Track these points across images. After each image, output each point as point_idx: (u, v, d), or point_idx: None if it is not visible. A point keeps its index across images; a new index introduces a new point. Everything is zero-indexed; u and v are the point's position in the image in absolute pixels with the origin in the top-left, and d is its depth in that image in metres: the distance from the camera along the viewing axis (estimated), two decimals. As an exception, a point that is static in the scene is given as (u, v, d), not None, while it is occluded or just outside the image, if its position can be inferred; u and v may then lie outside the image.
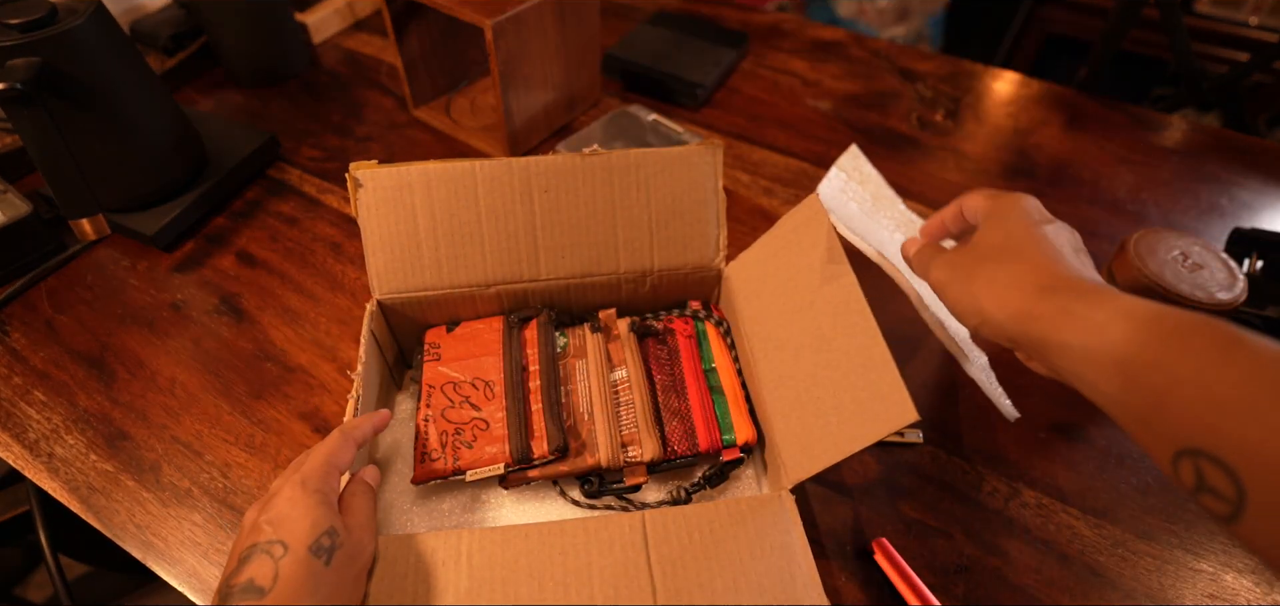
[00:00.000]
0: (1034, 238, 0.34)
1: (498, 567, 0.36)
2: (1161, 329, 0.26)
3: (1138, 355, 0.26)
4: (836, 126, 0.81)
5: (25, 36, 0.53)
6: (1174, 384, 0.24)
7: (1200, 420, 0.23)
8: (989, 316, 0.33)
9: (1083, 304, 0.29)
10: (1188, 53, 1.07)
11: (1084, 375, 0.28)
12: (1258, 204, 0.71)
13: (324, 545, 0.33)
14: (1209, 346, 0.24)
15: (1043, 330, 0.30)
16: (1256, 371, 0.23)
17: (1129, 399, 0.26)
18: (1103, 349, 0.27)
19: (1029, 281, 0.32)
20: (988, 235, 0.35)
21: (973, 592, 0.43)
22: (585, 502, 0.45)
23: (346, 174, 0.46)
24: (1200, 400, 0.24)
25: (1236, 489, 0.22)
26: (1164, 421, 0.25)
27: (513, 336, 0.49)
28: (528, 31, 0.67)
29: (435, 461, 0.43)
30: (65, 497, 0.48)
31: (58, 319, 0.59)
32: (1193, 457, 0.24)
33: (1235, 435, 0.22)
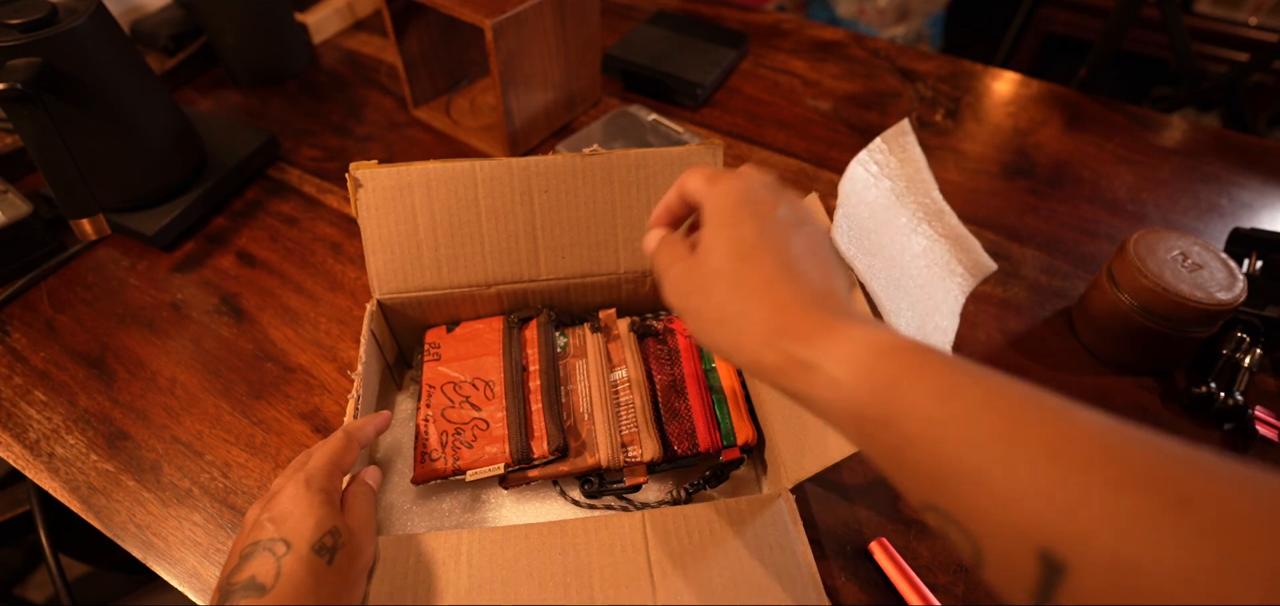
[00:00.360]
0: (758, 255, 0.29)
1: (498, 567, 0.36)
2: (883, 379, 0.23)
3: (869, 411, 0.24)
4: (836, 126, 0.81)
5: (25, 36, 0.53)
6: (904, 443, 0.23)
7: (933, 483, 0.22)
8: (732, 358, 0.29)
9: (814, 353, 0.25)
10: (1187, 52, 1.07)
11: (831, 424, 0.26)
12: (1257, 204, 0.71)
13: (326, 544, 0.33)
14: (929, 400, 0.22)
15: (779, 381, 0.27)
16: (977, 429, 0.21)
17: (869, 452, 0.25)
18: (838, 403, 0.25)
19: (759, 325, 0.27)
20: (710, 249, 0.30)
21: (973, 592, 0.43)
22: (585, 502, 0.45)
23: (346, 174, 0.46)
24: (929, 463, 0.22)
25: (973, 547, 0.21)
26: (904, 477, 0.23)
27: (513, 336, 0.49)
28: (528, 31, 0.67)
29: (435, 461, 0.43)
30: (65, 497, 0.48)
31: (58, 319, 0.59)
32: (935, 513, 0.22)
33: (967, 501, 0.21)
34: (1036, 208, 0.70)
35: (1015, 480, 0.20)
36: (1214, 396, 0.50)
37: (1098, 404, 0.20)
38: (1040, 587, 0.19)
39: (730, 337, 0.28)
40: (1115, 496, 0.18)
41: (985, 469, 0.21)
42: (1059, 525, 0.19)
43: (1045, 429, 0.20)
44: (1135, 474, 0.18)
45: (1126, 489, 0.18)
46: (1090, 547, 0.18)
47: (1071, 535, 0.18)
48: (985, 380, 0.22)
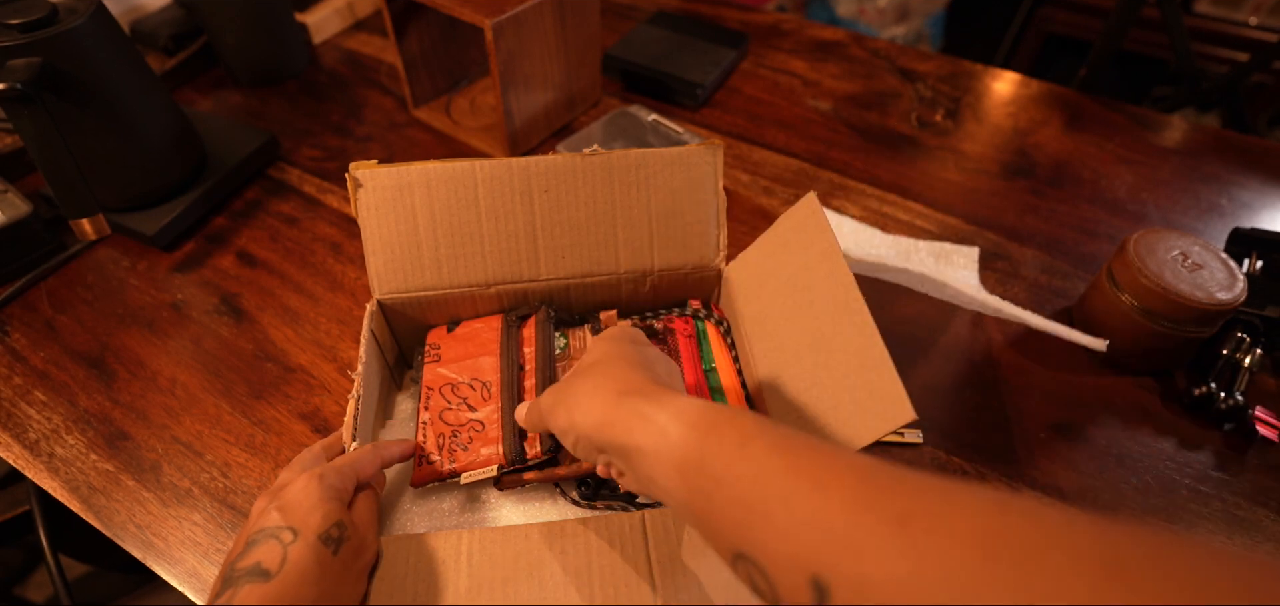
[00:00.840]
0: (624, 353, 0.34)
1: (498, 567, 0.36)
2: (701, 427, 0.26)
3: (690, 456, 0.26)
4: (836, 126, 0.81)
5: (26, 36, 0.53)
6: (715, 485, 0.25)
7: (737, 523, 0.24)
8: (578, 427, 0.32)
9: (650, 406, 0.29)
10: (1187, 52, 1.07)
11: (658, 480, 0.28)
12: (1258, 204, 0.71)
13: (333, 535, 0.33)
14: (732, 445, 0.25)
15: (618, 435, 0.29)
16: (766, 467, 0.23)
17: (691, 502, 0.26)
18: (666, 450, 0.27)
19: (609, 389, 0.31)
20: (586, 358, 0.35)
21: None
22: (584, 504, 0.45)
23: (346, 174, 0.46)
24: (733, 502, 0.24)
25: (770, 587, 0.23)
26: (717, 524, 0.25)
27: (511, 335, 0.49)
28: (528, 31, 0.67)
29: (433, 463, 0.43)
30: (65, 497, 0.48)
31: (58, 319, 0.59)
32: (743, 562, 0.24)
33: (760, 537, 0.23)
34: (1036, 208, 0.70)
35: (792, 512, 0.22)
36: (1214, 396, 0.50)
37: (1098, 404, 0.21)
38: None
39: (582, 405, 0.31)
40: (858, 519, 0.21)
41: (771, 504, 0.23)
42: (823, 551, 0.21)
43: (815, 465, 0.23)
44: (872, 498, 0.21)
45: (865, 511, 0.21)
46: (842, 568, 0.20)
47: (830, 559, 0.20)
48: (778, 431, 0.25)
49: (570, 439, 0.33)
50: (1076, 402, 0.53)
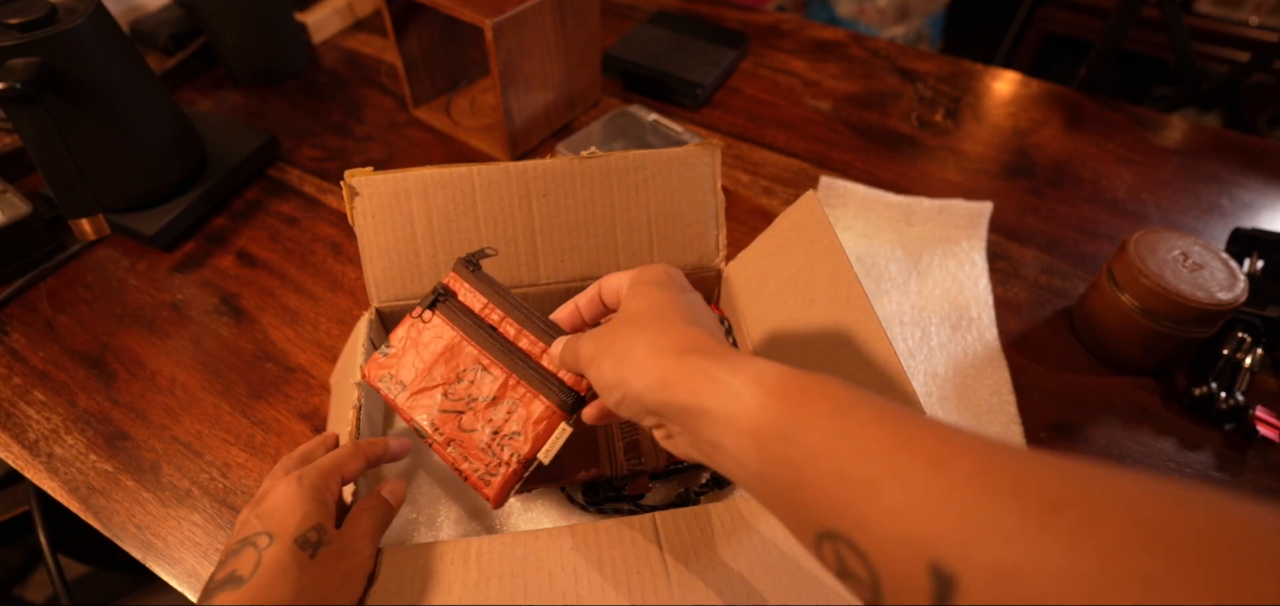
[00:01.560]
0: (676, 303, 0.31)
1: (509, 570, 0.36)
2: (787, 394, 0.24)
3: (771, 424, 0.24)
4: (836, 126, 0.81)
5: (25, 36, 0.53)
6: (805, 457, 0.22)
7: (831, 498, 0.22)
8: (629, 385, 0.29)
9: (720, 367, 0.26)
10: (1188, 52, 1.07)
11: (726, 446, 0.25)
12: (1258, 204, 0.71)
13: (310, 539, 0.32)
14: (828, 413, 0.23)
15: (681, 396, 0.27)
16: (871, 440, 0.21)
17: (769, 474, 0.24)
18: (740, 416, 0.25)
19: (668, 346, 0.29)
20: (630, 304, 0.32)
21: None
22: (592, 508, 0.45)
23: (341, 182, 0.45)
24: (829, 476, 0.22)
25: (869, 571, 0.21)
26: (802, 500, 0.23)
27: (456, 314, 0.41)
28: (527, 31, 0.67)
29: (498, 472, 0.38)
30: (65, 498, 0.48)
31: (57, 319, 0.59)
32: (831, 541, 0.22)
33: (861, 515, 0.21)
34: (1036, 207, 0.70)
35: (907, 491, 0.20)
36: (1214, 396, 0.50)
37: (1098, 404, 0.20)
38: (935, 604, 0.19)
39: (636, 363, 0.29)
40: (996, 503, 0.18)
41: (878, 479, 0.21)
42: (948, 535, 0.19)
43: (930, 442, 0.21)
44: (1012, 481, 0.19)
45: (1005, 495, 0.18)
46: (976, 556, 0.18)
47: (959, 545, 0.18)
48: (876, 400, 0.23)
49: (615, 396, 0.30)
50: (1076, 402, 0.53)
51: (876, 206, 0.69)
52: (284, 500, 0.33)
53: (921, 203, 0.68)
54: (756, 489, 0.25)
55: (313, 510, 0.33)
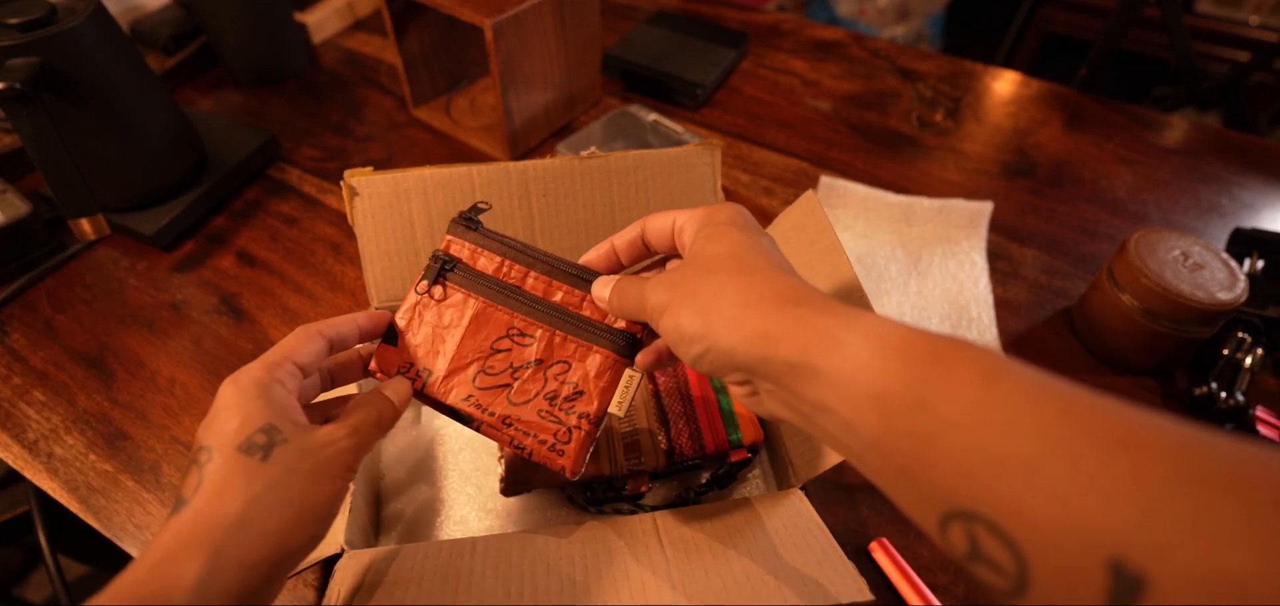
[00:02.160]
0: (761, 247, 0.28)
1: (508, 563, 0.36)
2: (917, 356, 0.21)
3: (899, 389, 0.21)
4: (836, 126, 0.81)
5: (24, 36, 0.53)
6: (942, 427, 0.20)
7: (972, 475, 0.19)
8: (716, 336, 0.26)
9: (831, 321, 0.23)
10: (1188, 52, 1.07)
11: (837, 411, 0.23)
12: (1258, 204, 0.71)
13: (258, 442, 0.28)
14: (973, 379, 0.20)
15: (787, 353, 0.24)
16: (1030, 412, 0.18)
17: (890, 444, 0.21)
18: (858, 378, 0.22)
19: (766, 295, 0.25)
20: (708, 247, 0.29)
21: (973, 593, 0.43)
22: (592, 509, 0.45)
23: (341, 182, 0.45)
24: (971, 449, 0.19)
25: (1016, 561, 0.18)
26: (930, 475, 0.20)
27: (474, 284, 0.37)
28: (527, 31, 0.67)
29: (569, 439, 0.35)
30: (64, 498, 0.48)
31: (57, 319, 0.59)
32: (965, 521, 0.19)
33: (1013, 496, 0.18)
34: (1037, 207, 0.70)
35: (1080, 472, 0.17)
36: (1215, 397, 0.50)
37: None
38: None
39: (727, 314, 0.26)
40: (1205, 497, 0.15)
41: (1041, 458, 0.17)
42: (1137, 529, 0.15)
43: (1106, 418, 0.17)
44: (1223, 473, 0.15)
45: (1217, 489, 0.15)
46: (1176, 558, 0.15)
47: (1152, 543, 0.15)
48: (1031, 368, 0.19)
49: (697, 348, 0.27)
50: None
51: (876, 206, 0.69)
52: (219, 408, 0.29)
53: (921, 202, 0.68)
54: (867, 457, 0.23)
55: (255, 410, 0.29)
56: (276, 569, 0.27)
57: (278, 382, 0.30)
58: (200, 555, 0.25)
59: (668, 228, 0.32)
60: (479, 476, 0.46)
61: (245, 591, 0.26)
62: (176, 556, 0.25)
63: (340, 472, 0.30)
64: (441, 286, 0.37)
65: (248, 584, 0.26)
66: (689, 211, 0.31)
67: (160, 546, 0.25)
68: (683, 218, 0.31)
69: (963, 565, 0.20)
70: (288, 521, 0.27)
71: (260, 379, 0.30)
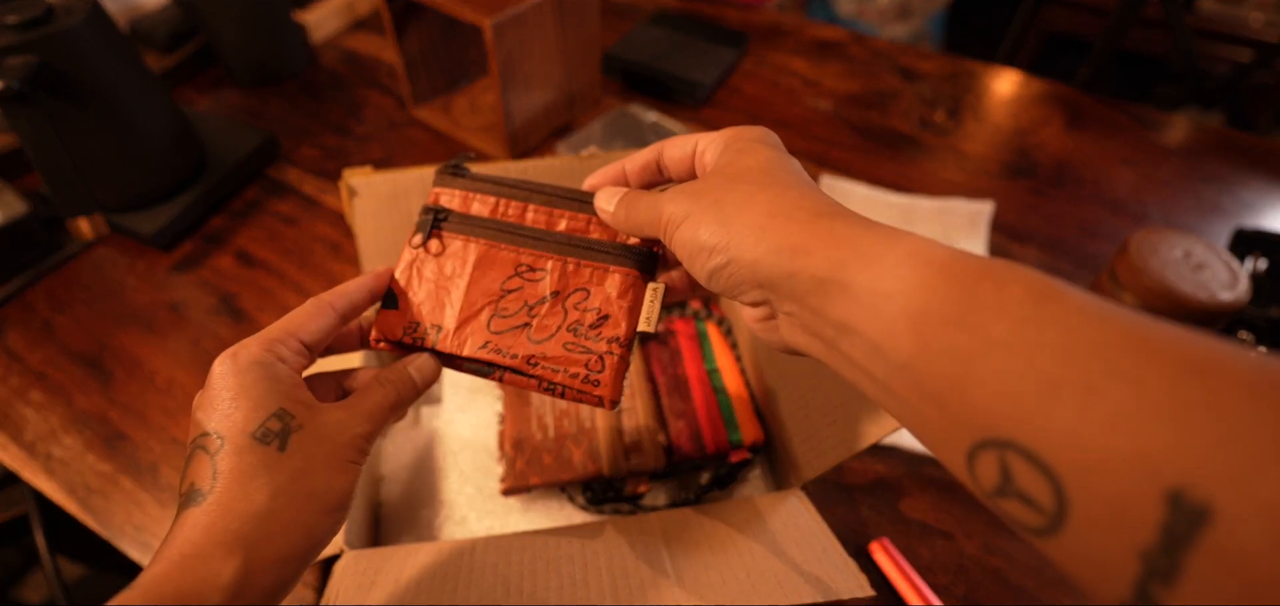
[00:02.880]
0: (792, 165, 0.27)
1: (508, 563, 0.36)
2: (960, 273, 0.19)
3: (938, 306, 0.19)
4: (837, 126, 0.81)
5: (22, 35, 0.52)
6: (985, 348, 0.18)
7: (1016, 399, 0.17)
8: (740, 251, 0.24)
9: (869, 236, 0.22)
10: (1190, 51, 1.07)
11: (863, 330, 0.21)
12: (1260, 203, 0.70)
13: (272, 429, 0.26)
14: (1024, 298, 0.18)
15: (817, 267, 0.22)
16: (1084, 333, 0.17)
17: (922, 366, 0.19)
18: (893, 295, 0.20)
19: (801, 206, 0.24)
20: (736, 161, 0.27)
21: (973, 593, 0.43)
22: (592, 508, 0.44)
23: (340, 182, 0.45)
24: (1017, 372, 0.17)
25: (1055, 495, 0.16)
26: (965, 400, 0.18)
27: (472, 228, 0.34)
28: (527, 31, 0.67)
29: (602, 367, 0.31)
30: (62, 499, 0.48)
31: (55, 319, 0.59)
32: (998, 450, 0.18)
33: (1062, 423, 0.16)
34: (1038, 207, 0.70)
35: (1144, 396, 0.15)
36: (1217, 397, 0.50)
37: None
38: (1161, 543, 0.14)
39: (754, 222, 0.24)
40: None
41: (1099, 381, 0.16)
42: (1206, 457, 0.14)
43: (1179, 342, 0.16)
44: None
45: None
46: (1250, 489, 0.13)
47: (1225, 472, 0.14)
48: (1082, 293, 0.18)
49: (715, 261, 0.25)
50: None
51: (877, 206, 0.69)
52: (222, 389, 0.26)
53: (922, 202, 0.68)
54: (894, 384, 0.21)
55: (264, 394, 0.27)
56: (304, 562, 0.26)
57: (280, 360, 0.28)
58: (235, 554, 0.24)
59: (689, 152, 0.30)
60: (479, 476, 0.46)
61: (279, 588, 0.25)
62: (208, 554, 0.24)
63: (355, 457, 0.28)
64: (437, 238, 0.34)
65: (282, 579, 0.25)
66: (712, 133, 0.29)
67: (185, 541, 0.24)
68: (706, 140, 0.29)
69: (988, 500, 0.18)
70: (314, 512, 0.26)
71: (260, 358, 0.28)
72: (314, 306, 0.31)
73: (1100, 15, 1.63)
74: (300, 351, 0.29)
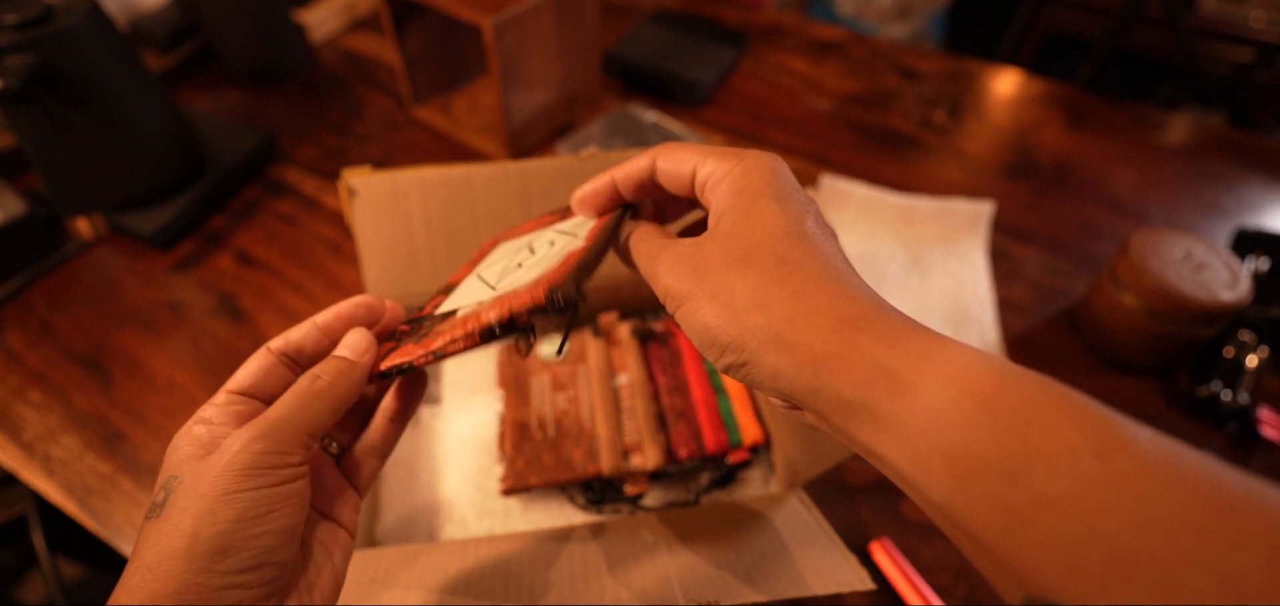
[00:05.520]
0: (811, 236, 0.23)
1: (507, 563, 0.36)
2: (1013, 414, 0.17)
3: (981, 451, 0.17)
4: (837, 126, 0.81)
5: (20, 35, 0.52)
6: (1038, 507, 0.16)
7: (1079, 571, 0.15)
8: (756, 357, 0.21)
9: (899, 356, 0.19)
10: (1191, 51, 1.06)
11: (898, 466, 0.19)
12: (1261, 203, 0.70)
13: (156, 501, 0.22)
14: (1086, 450, 0.16)
15: (842, 388, 0.19)
16: (1159, 504, 0.15)
17: (964, 512, 0.17)
18: (928, 432, 0.18)
19: (820, 309, 0.21)
20: (740, 224, 0.23)
21: (974, 593, 0.43)
22: (593, 508, 0.44)
23: (339, 182, 0.45)
24: (1079, 541, 0.15)
25: None
26: (1018, 557, 0.16)
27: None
28: (527, 30, 0.67)
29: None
30: (61, 499, 0.48)
31: (54, 319, 0.59)
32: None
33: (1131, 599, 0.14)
34: (1038, 207, 0.70)
35: (1232, 593, 0.13)
36: (1217, 397, 0.50)
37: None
38: None
39: (769, 326, 0.21)
40: None
41: (1180, 566, 0.14)
42: None
43: (1262, 513, 0.14)
44: None
45: None
46: None
47: None
48: (1156, 435, 0.16)
49: (728, 359, 0.22)
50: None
51: (877, 206, 0.68)
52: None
53: (922, 202, 0.68)
54: (933, 515, 0.19)
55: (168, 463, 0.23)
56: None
57: (200, 421, 0.25)
58: None
59: (687, 174, 0.26)
60: (479, 477, 0.46)
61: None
62: None
63: (232, 484, 0.22)
64: None
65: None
66: (715, 158, 0.25)
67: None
68: (707, 167, 0.25)
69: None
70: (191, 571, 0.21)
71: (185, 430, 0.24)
72: (254, 357, 0.28)
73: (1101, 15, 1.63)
74: (229, 401, 0.26)
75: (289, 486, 0.23)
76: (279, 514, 0.22)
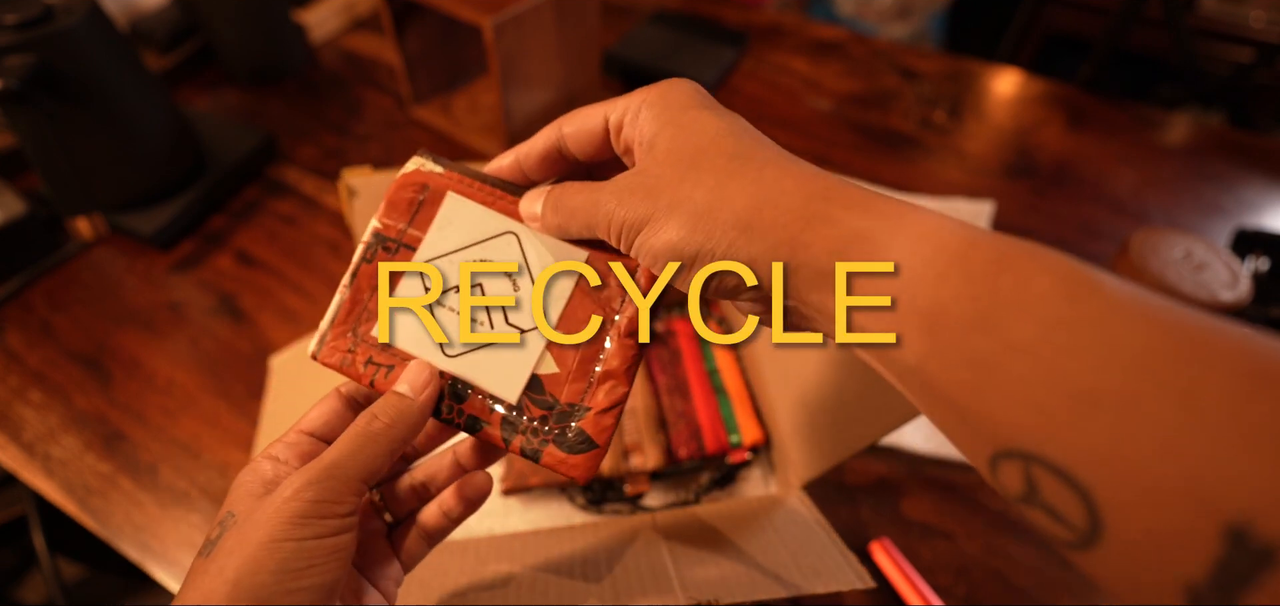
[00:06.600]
0: (751, 132, 0.23)
1: (508, 563, 0.36)
2: (986, 265, 0.17)
3: (953, 305, 0.17)
4: (837, 126, 0.81)
5: (20, 35, 0.52)
6: (1007, 353, 0.16)
7: (1045, 412, 0.15)
8: (727, 252, 0.20)
9: (870, 221, 0.19)
10: (1191, 51, 1.07)
11: (871, 330, 0.19)
12: (1261, 203, 0.70)
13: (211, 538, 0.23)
14: (1053, 293, 0.16)
15: (818, 258, 0.19)
16: (1125, 336, 0.15)
17: (936, 371, 0.17)
18: (909, 297, 0.18)
19: (782, 190, 0.20)
20: (679, 138, 0.22)
21: (973, 593, 0.43)
22: (592, 508, 0.44)
23: (339, 181, 0.45)
24: (1046, 382, 0.15)
25: (1088, 514, 0.15)
26: (987, 409, 0.16)
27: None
28: (527, 30, 0.67)
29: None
30: (61, 499, 0.48)
31: (54, 319, 0.59)
32: (1023, 461, 0.16)
33: (1099, 441, 0.14)
34: (1038, 207, 0.70)
35: (1200, 415, 0.13)
36: (1218, 397, 0.50)
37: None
38: (1214, 579, 0.13)
39: (743, 211, 0.20)
40: None
41: (1145, 395, 0.14)
42: (1274, 490, 0.12)
43: (1239, 348, 0.14)
44: None
45: None
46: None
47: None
48: (1126, 283, 0.16)
49: (698, 266, 0.21)
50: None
51: None
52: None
53: (922, 202, 0.68)
54: (904, 382, 0.19)
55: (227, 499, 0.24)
56: None
57: (268, 457, 0.25)
58: None
59: (598, 127, 0.25)
60: (478, 477, 0.46)
61: None
62: None
63: (285, 528, 0.21)
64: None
65: None
66: (625, 98, 0.24)
67: None
68: (618, 108, 0.24)
69: (1012, 503, 0.17)
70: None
71: (252, 465, 0.25)
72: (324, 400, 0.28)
73: (1101, 15, 1.63)
74: (297, 441, 0.26)
75: (335, 540, 0.22)
76: (320, 570, 0.22)
